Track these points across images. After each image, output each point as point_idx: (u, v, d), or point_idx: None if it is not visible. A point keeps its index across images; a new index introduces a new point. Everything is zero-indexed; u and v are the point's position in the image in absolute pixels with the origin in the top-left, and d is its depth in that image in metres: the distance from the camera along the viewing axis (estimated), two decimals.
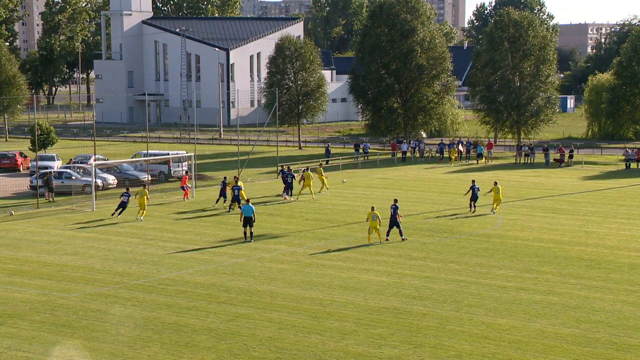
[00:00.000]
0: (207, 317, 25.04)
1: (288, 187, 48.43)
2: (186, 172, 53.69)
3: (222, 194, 46.07)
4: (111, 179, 54.23)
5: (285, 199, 48.02)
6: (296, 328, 23.98)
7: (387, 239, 35.98)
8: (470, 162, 70.67)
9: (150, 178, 54.07)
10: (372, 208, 36.02)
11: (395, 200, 37.30)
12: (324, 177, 51.65)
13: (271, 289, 28.26)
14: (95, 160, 56.99)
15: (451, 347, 22.27)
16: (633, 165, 66.74)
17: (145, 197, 42.65)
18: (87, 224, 40.89)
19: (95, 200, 46.37)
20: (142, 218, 41.99)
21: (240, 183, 46.01)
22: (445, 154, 72.02)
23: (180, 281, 29.47)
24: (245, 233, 36.49)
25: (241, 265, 31.81)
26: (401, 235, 36.10)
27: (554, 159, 69.16)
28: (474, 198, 43.05)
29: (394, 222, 36.12)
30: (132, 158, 61.09)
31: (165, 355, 21.89)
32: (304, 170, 50.58)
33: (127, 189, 44.87)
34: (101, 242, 36.57)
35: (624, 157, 68.00)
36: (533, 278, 29.60)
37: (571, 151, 70.20)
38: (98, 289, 28.48)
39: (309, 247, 35.12)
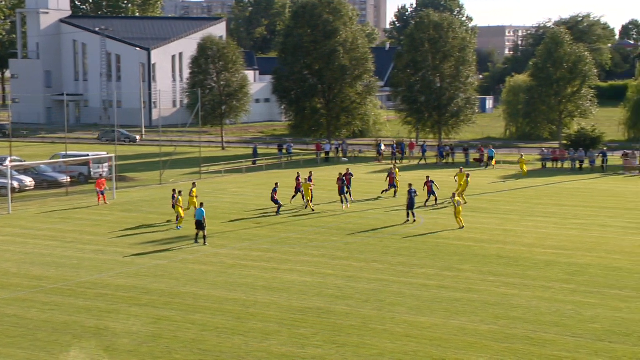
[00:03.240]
0: (128, 320, 24.66)
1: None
2: (100, 175, 51.65)
3: (297, 190, 46.38)
4: (28, 181, 52.98)
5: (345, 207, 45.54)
6: (219, 330, 23.84)
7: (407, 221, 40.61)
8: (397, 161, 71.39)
9: (69, 179, 52.99)
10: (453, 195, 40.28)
11: (410, 185, 41.27)
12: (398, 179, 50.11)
13: (194, 291, 28.02)
14: (11, 161, 55.51)
15: (374, 346, 22.46)
16: (549, 164, 68.53)
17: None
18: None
19: (12, 202, 45.18)
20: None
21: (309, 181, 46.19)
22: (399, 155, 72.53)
23: (101, 284, 28.96)
24: (197, 235, 35.78)
25: (163, 267, 31.45)
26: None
27: (474, 159, 70.49)
28: (431, 192, 46.32)
29: (411, 205, 40.74)
30: (50, 159, 59.77)
31: None
32: (460, 170, 50.56)
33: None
34: (17, 245, 35.65)
35: (540, 157, 69.80)
36: (453, 276, 30.10)
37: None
38: (14, 293, 27.74)
39: (232, 248, 34.97)
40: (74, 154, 59.17)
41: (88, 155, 58.09)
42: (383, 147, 73.92)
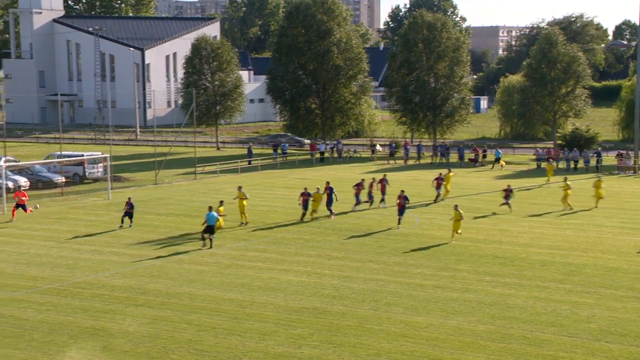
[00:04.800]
0: (125, 321, 24.63)
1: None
2: (19, 187, 47.98)
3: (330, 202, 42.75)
4: (23, 181, 52.87)
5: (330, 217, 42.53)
6: (216, 330, 23.82)
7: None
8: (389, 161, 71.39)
9: (64, 179, 52.89)
10: (455, 206, 36.85)
11: (402, 191, 40.32)
12: (568, 192, 45.76)
13: (190, 291, 27.99)
14: (5, 161, 55.36)
15: (370, 346, 22.48)
16: (543, 164, 68.58)
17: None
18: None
19: (6, 202, 45.04)
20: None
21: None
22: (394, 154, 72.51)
23: (97, 284, 28.91)
24: (203, 237, 35.11)
25: (159, 268, 31.41)
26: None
27: (469, 159, 70.58)
28: (507, 197, 44.52)
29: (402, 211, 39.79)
30: (45, 159, 59.66)
31: None
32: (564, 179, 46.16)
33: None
34: (13, 245, 35.56)
35: (534, 157, 69.90)
36: (449, 276, 30.13)
37: (484, 151, 71.79)
38: (10, 293, 27.67)
39: (228, 248, 34.95)
40: (69, 154, 59.09)
41: (83, 156, 58.03)
42: (378, 148, 73.81)
